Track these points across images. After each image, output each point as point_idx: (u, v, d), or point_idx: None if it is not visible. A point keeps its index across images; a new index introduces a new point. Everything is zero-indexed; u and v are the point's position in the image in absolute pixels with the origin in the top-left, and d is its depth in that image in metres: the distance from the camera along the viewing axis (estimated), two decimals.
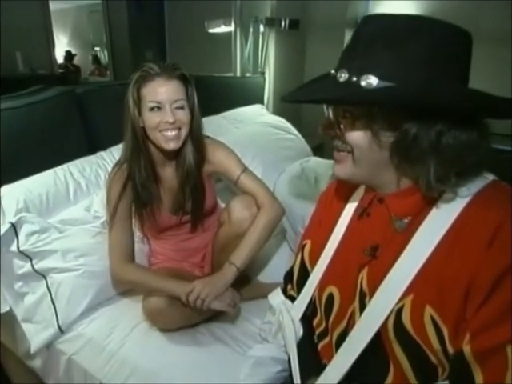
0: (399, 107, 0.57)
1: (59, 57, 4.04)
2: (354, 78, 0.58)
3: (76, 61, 4.53)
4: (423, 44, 0.56)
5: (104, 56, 4.57)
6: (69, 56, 4.26)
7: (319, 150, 2.59)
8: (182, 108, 1.12)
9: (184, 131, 1.15)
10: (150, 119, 1.11)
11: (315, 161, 2.18)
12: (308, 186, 1.79)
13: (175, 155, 1.23)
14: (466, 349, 0.55)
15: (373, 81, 0.57)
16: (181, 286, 1.10)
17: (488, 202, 0.58)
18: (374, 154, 0.62)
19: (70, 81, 3.84)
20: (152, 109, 1.10)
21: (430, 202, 0.62)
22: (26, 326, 1.21)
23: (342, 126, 0.63)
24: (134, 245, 1.25)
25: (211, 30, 2.56)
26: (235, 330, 1.18)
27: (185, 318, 1.15)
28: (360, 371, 0.68)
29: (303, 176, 1.90)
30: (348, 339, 0.68)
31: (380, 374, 0.66)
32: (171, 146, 1.13)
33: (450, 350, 0.58)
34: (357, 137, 0.62)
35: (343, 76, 0.60)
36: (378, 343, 0.65)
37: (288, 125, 2.32)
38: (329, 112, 0.65)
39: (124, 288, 1.32)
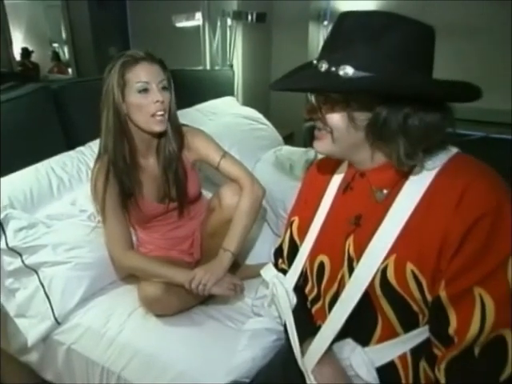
0: (372, 94, 0.66)
1: (16, 54, 3.89)
2: (333, 68, 0.66)
3: (33, 58, 4.36)
4: (394, 39, 0.64)
5: (63, 53, 4.42)
6: (25, 53, 4.10)
7: (290, 139, 2.69)
8: (165, 89, 1.17)
9: (167, 114, 1.20)
10: (138, 101, 1.13)
11: (288, 149, 2.28)
12: (284, 172, 1.87)
13: (157, 142, 1.26)
14: (442, 294, 0.65)
15: (349, 71, 0.64)
16: (182, 273, 1.16)
17: (454, 170, 0.68)
18: (351, 135, 0.70)
19: (30, 78, 3.70)
20: (140, 91, 1.13)
21: (406, 173, 0.71)
22: (19, 322, 1.22)
23: (323, 111, 0.72)
24: (130, 231, 1.28)
25: (179, 24, 2.57)
26: (228, 309, 1.25)
27: (181, 303, 1.20)
28: (352, 327, 0.77)
29: (278, 163, 1.98)
30: (340, 300, 0.77)
31: (370, 328, 0.75)
32: (159, 127, 1.17)
33: (429, 297, 0.67)
34: (336, 119, 0.70)
35: (324, 66, 0.67)
36: (366, 301, 0.73)
37: (259, 115, 2.39)
38: (311, 98, 0.74)
39: (125, 274, 1.35)
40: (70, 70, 4.19)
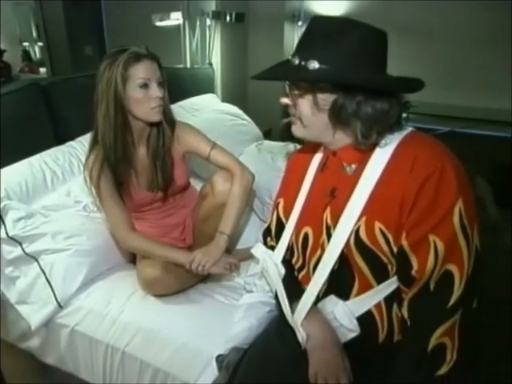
0: (331, 83, 0.80)
1: None
2: (303, 62, 0.79)
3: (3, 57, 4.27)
4: (350, 40, 0.78)
5: (34, 52, 4.35)
6: None
7: (268, 135, 2.80)
8: (161, 84, 1.25)
9: (162, 107, 1.27)
10: (139, 96, 1.21)
11: (268, 143, 2.40)
12: (267, 163, 1.99)
13: (148, 131, 1.33)
14: (404, 243, 0.78)
15: (315, 64, 0.78)
16: (183, 254, 1.25)
17: (408, 143, 0.82)
18: (317, 119, 0.84)
19: (3, 78, 3.65)
20: (141, 86, 1.21)
21: (370, 150, 0.84)
22: (21, 308, 1.26)
23: (294, 97, 0.85)
24: (129, 214, 1.34)
25: (158, 23, 2.63)
26: (222, 287, 1.35)
27: (179, 283, 1.28)
28: (334, 286, 0.89)
29: (261, 156, 2.10)
30: (321, 261, 0.89)
31: (349, 284, 0.88)
32: (157, 117, 1.26)
33: (394, 249, 0.81)
34: (304, 105, 0.84)
35: (296, 61, 0.81)
36: (344, 261, 0.86)
37: (239, 111, 2.49)
38: (287, 87, 0.88)
39: (131, 256, 1.43)
40: (42, 70, 4.12)
